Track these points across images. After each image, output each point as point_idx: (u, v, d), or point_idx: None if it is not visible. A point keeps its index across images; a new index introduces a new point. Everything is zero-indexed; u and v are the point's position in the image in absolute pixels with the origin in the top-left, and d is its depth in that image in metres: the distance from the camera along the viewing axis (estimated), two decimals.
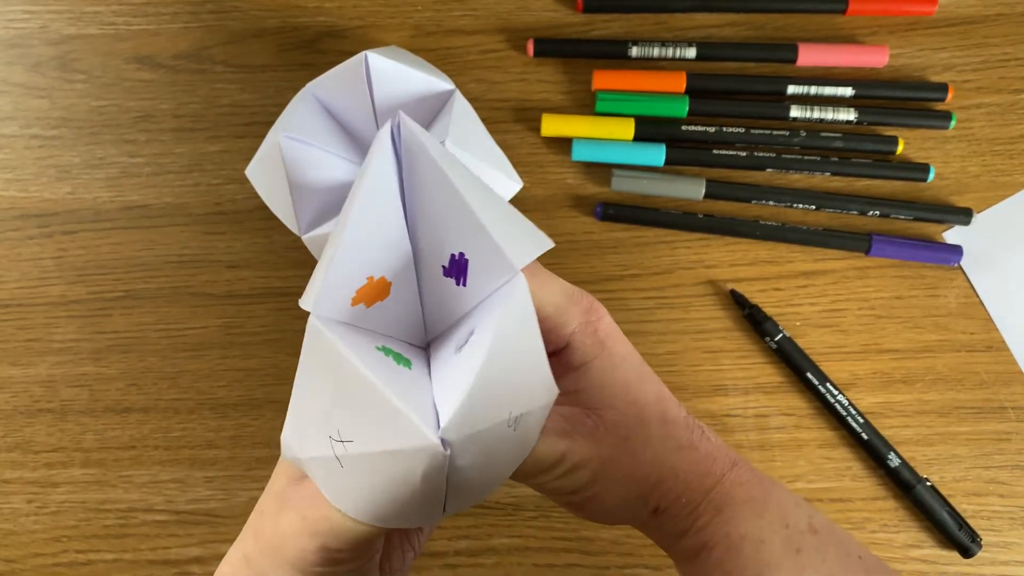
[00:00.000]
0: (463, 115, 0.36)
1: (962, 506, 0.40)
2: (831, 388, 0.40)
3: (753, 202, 0.42)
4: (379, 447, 0.21)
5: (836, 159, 0.41)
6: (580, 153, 0.41)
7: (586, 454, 0.26)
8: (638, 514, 0.27)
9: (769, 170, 0.42)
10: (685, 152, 0.41)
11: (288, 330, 0.42)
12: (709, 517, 0.26)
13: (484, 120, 0.39)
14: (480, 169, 0.36)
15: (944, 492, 0.40)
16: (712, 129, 0.41)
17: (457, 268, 0.24)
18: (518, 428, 0.22)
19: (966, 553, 0.40)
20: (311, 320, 0.22)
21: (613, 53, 0.42)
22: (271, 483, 0.26)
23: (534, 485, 0.26)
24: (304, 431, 0.24)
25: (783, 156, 0.42)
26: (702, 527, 0.26)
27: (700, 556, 0.26)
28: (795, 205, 0.41)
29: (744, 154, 0.41)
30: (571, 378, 0.28)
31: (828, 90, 0.41)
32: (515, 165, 0.41)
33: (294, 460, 0.24)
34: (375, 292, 0.24)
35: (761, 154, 0.42)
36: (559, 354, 0.28)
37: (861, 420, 0.40)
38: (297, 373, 0.24)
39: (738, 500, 0.26)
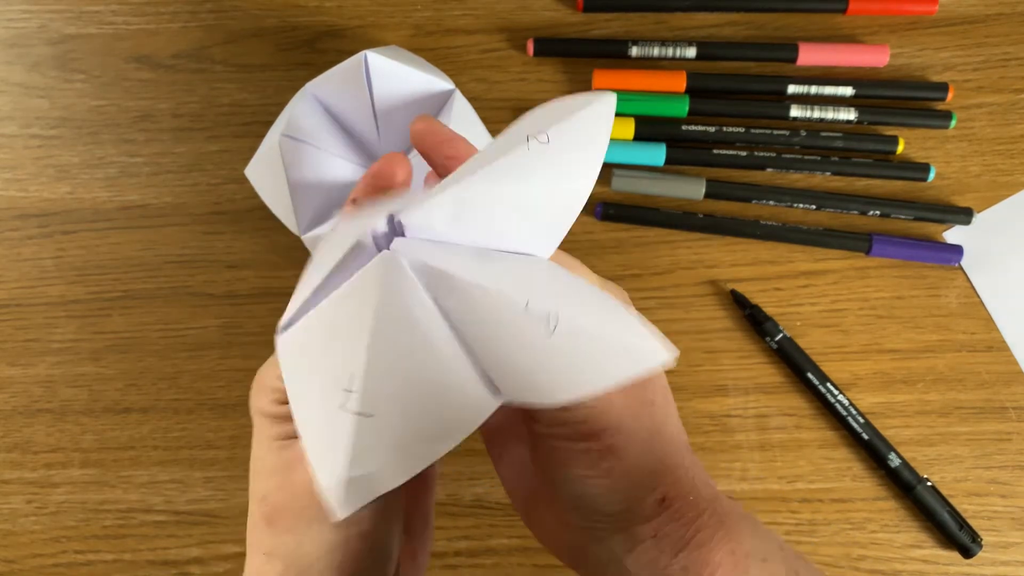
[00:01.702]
0: (463, 115, 0.36)
1: (963, 506, 0.40)
2: (832, 388, 0.40)
3: (753, 202, 0.41)
4: None
5: (836, 159, 0.41)
6: None
7: (602, 404, 0.24)
8: (644, 501, 0.25)
9: (769, 170, 0.42)
10: (685, 152, 0.41)
11: None
12: (712, 531, 0.24)
13: (484, 120, 0.39)
14: None
15: (945, 492, 0.40)
16: (712, 129, 0.41)
17: None
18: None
19: (967, 553, 0.40)
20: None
21: (613, 53, 0.42)
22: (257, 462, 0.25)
23: (540, 420, 0.24)
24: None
25: (783, 156, 0.41)
26: (704, 541, 0.24)
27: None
28: (795, 205, 0.41)
29: (744, 154, 0.41)
30: None
31: (828, 90, 0.41)
32: None
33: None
34: None
35: (761, 154, 0.42)
36: None
37: (862, 420, 0.40)
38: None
39: (735, 516, 0.25)
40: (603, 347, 0.21)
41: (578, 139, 0.22)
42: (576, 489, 0.25)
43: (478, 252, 0.22)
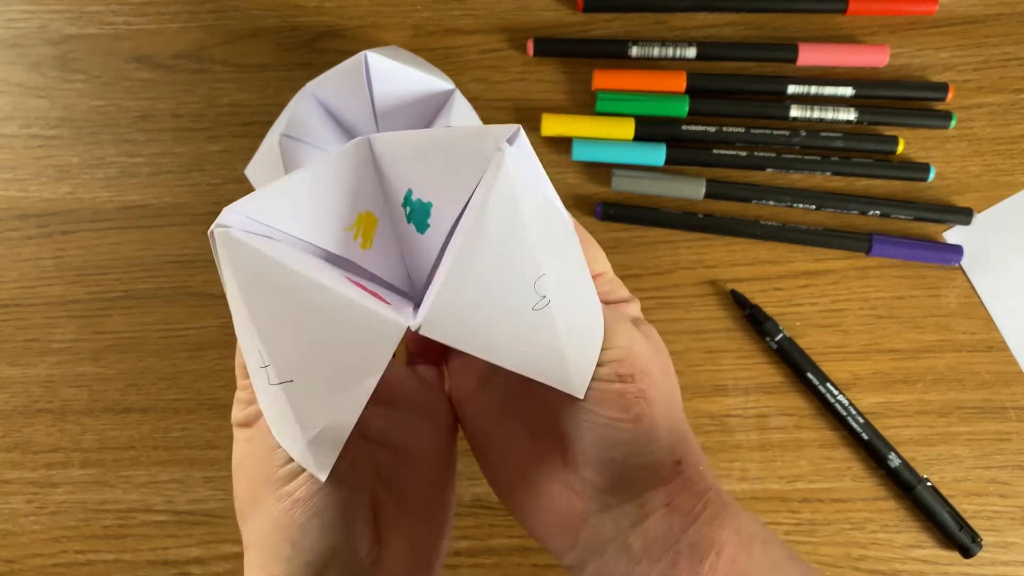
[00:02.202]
0: (463, 115, 0.36)
1: (963, 506, 0.40)
2: (831, 388, 0.40)
3: (753, 202, 0.41)
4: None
5: (836, 159, 0.41)
6: (580, 153, 0.41)
7: (632, 344, 0.25)
8: (664, 460, 0.25)
9: (769, 170, 0.42)
10: (685, 152, 0.41)
11: None
12: (717, 509, 0.24)
13: (484, 120, 0.39)
14: None
15: (945, 492, 0.40)
16: (712, 129, 0.41)
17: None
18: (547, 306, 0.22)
19: (967, 553, 0.40)
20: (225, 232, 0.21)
21: (613, 53, 0.42)
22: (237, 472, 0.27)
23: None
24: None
25: (783, 156, 0.41)
26: (711, 518, 0.24)
27: (710, 556, 0.24)
28: (795, 205, 0.41)
29: (744, 154, 0.41)
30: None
31: (828, 90, 0.41)
32: None
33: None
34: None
35: (761, 154, 0.42)
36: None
37: (861, 420, 0.40)
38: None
39: (733, 501, 0.25)
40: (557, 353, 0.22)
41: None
42: (605, 436, 0.25)
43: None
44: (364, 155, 0.24)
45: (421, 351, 0.31)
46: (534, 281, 0.21)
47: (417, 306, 0.24)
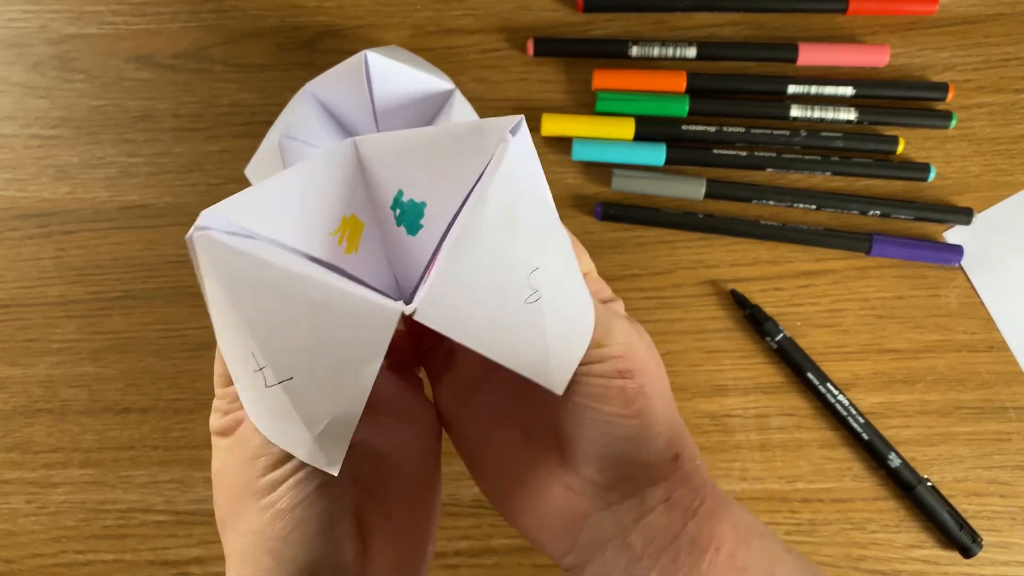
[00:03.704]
0: (463, 115, 0.36)
1: (963, 506, 0.40)
2: (832, 388, 0.40)
3: (753, 202, 0.41)
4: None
5: (837, 159, 0.41)
6: (580, 153, 0.41)
7: (629, 341, 0.25)
8: (663, 455, 0.25)
9: (769, 170, 0.42)
10: (685, 152, 0.41)
11: None
12: (715, 504, 0.25)
13: None
14: None
15: (945, 492, 0.40)
16: (712, 129, 0.41)
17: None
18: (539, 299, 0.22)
19: (967, 553, 0.40)
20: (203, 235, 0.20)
21: (613, 53, 0.42)
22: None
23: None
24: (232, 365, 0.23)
25: (783, 156, 0.41)
26: (709, 513, 0.24)
27: (709, 550, 0.24)
28: (796, 205, 0.41)
29: (744, 154, 0.41)
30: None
31: (828, 90, 0.41)
32: None
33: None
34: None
35: (761, 154, 0.42)
36: None
37: (862, 420, 0.40)
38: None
39: (728, 497, 0.26)
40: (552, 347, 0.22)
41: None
42: (607, 432, 0.25)
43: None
44: (349, 158, 0.23)
45: (401, 360, 0.31)
46: (528, 274, 0.21)
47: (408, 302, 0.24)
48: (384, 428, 0.28)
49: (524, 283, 0.21)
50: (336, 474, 0.22)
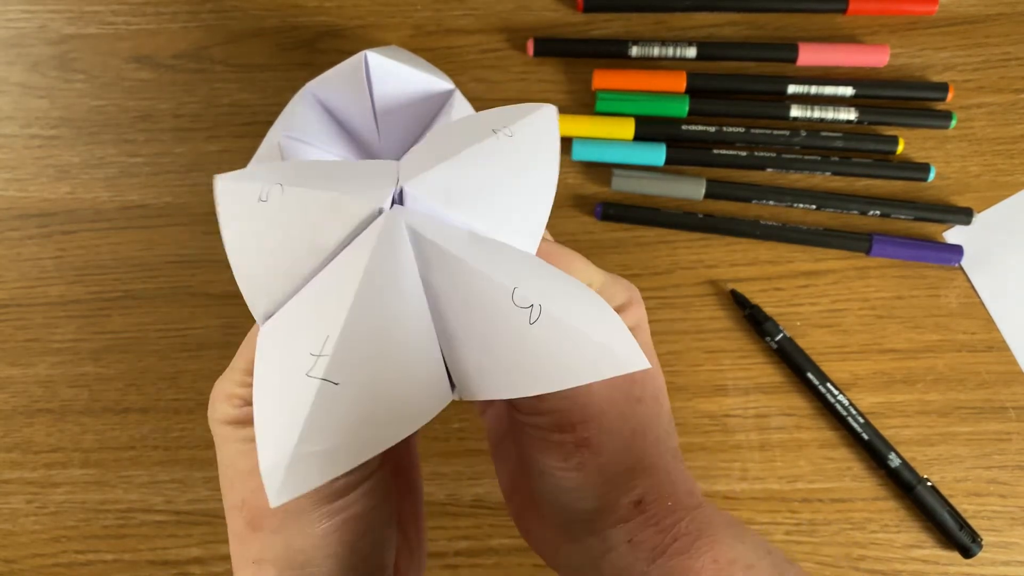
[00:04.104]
0: (463, 115, 0.36)
1: (963, 506, 0.40)
2: (831, 388, 0.40)
3: (753, 202, 0.41)
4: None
5: (836, 159, 0.41)
6: (580, 153, 0.41)
7: (598, 388, 0.23)
8: (618, 502, 0.24)
9: (769, 170, 0.42)
10: (685, 152, 0.41)
11: None
12: (690, 540, 0.23)
13: None
14: None
15: (945, 492, 0.40)
16: (712, 129, 0.41)
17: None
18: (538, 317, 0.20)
19: (967, 553, 0.40)
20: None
21: (613, 53, 0.42)
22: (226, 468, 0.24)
23: (520, 408, 0.23)
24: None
25: (783, 156, 0.41)
26: (682, 549, 0.23)
27: None
28: (795, 205, 0.41)
29: (744, 154, 0.41)
30: None
31: (828, 90, 0.41)
32: None
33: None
34: None
35: (761, 154, 0.42)
36: None
37: (861, 420, 0.40)
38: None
39: (719, 524, 0.24)
40: (580, 343, 0.20)
41: (536, 136, 0.23)
42: (550, 483, 0.24)
43: (470, 235, 0.21)
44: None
45: None
46: (510, 296, 0.20)
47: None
48: None
49: (511, 308, 0.20)
50: (272, 506, 0.19)
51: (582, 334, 0.20)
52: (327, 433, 0.19)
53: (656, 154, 0.41)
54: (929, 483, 0.40)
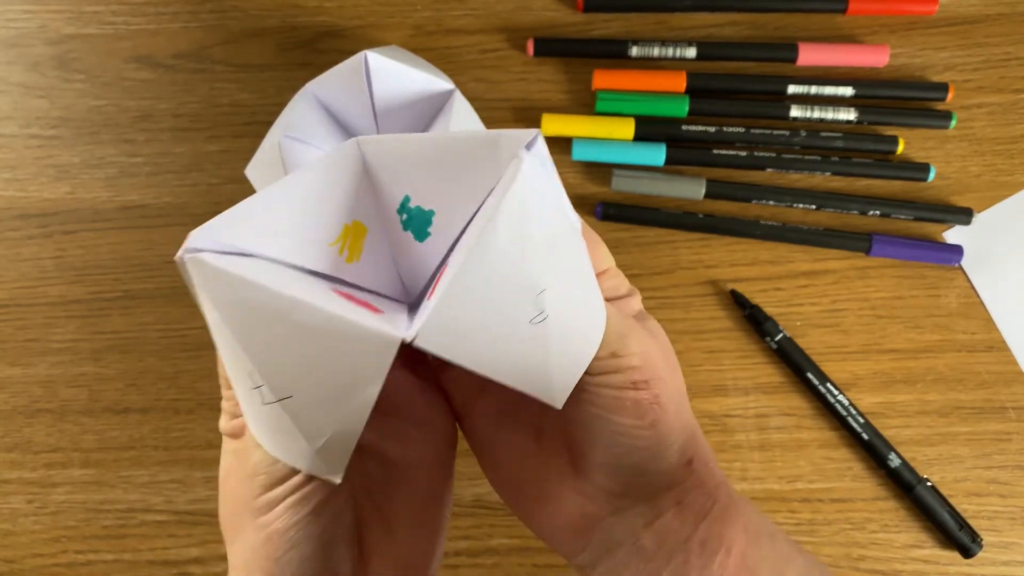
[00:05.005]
0: (463, 115, 0.36)
1: (963, 506, 0.40)
2: (831, 388, 0.40)
3: (753, 202, 0.41)
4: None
5: (836, 159, 0.41)
6: (580, 153, 0.41)
7: (645, 349, 0.24)
8: (677, 461, 0.25)
9: (769, 170, 0.42)
10: (685, 152, 0.41)
11: None
12: (726, 504, 0.25)
13: (484, 120, 0.39)
14: None
15: (945, 492, 0.40)
16: (712, 129, 0.41)
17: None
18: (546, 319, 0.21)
19: (967, 553, 0.40)
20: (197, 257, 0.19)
21: (613, 53, 0.42)
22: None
23: (591, 371, 0.24)
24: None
25: (783, 156, 0.41)
26: (720, 515, 0.24)
27: (720, 552, 0.24)
28: (795, 205, 0.41)
29: (744, 154, 0.41)
30: None
31: (828, 90, 0.41)
32: None
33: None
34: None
35: (761, 154, 0.42)
36: None
37: (862, 420, 0.40)
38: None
39: (740, 498, 0.26)
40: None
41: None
42: (621, 443, 0.24)
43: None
44: (352, 162, 0.22)
45: (420, 357, 0.30)
46: (536, 295, 0.20)
47: (412, 309, 0.23)
48: (396, 433, 0.27)
49: (530, 304, 0.20)
50: (339, 482, 0.22)
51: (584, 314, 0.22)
52: (320, 424, 0.21)
53: (656, 154, 0.41)
54: (929, 483, 0.40)
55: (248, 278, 0.19)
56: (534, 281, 0.20)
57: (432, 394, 0.29)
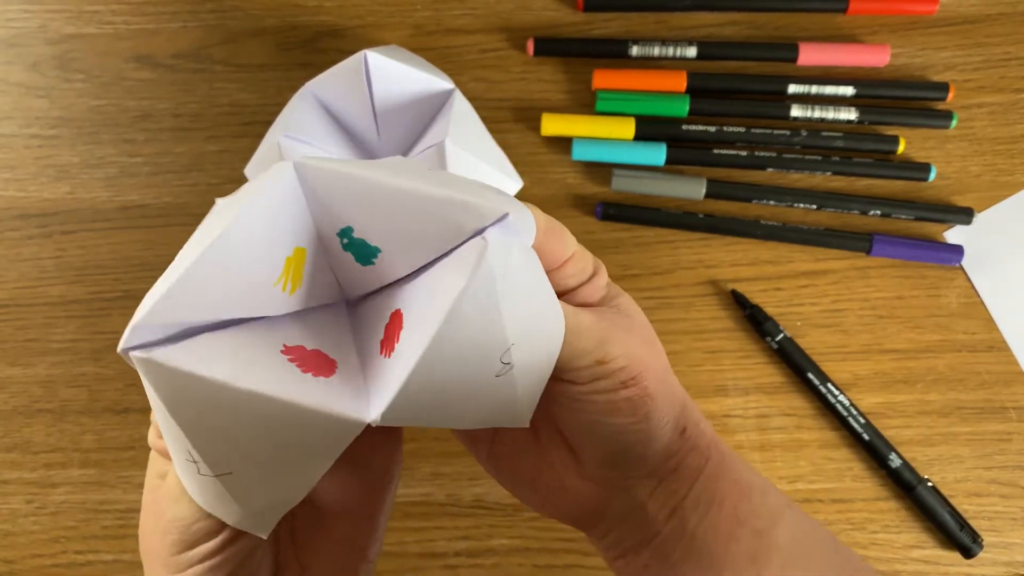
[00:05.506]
0: (463, 115, 0.36)
1: (963, 506, 0.40)
2: (832, 388, 0.40)
3: (754, 202, 0.41)
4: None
5: (837, 158, 0.41)
6: (580, 153, 0.41)
7: (627, 347, 0.24)
8: (672, 435, 0.26)
9: (770, 170, 0.42)
10: (686, 152, 0.41)
11: None
12: (718, 460, 0.26)
13: (484, 120, 0.39)
14: (480, 169, 0.36)
15: (945, 492, 0.40)
16: (713, 128, 0.41)
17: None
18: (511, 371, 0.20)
19: (967, 554, 0.40)
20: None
21: (613, 52, 0.42)
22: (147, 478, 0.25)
23: (580, 381, 0.24)
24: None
25: (784, 155, 0.41)
26: (713, 471, 0.25)
27: (713, 506, 0.25)
28: (796, 205, 0.41)
29: (745, 153, 0.41)
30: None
31: (829, 89, 0.41)
32: (515, 165, 0.41)
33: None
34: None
35: (762, 153, 0.41)
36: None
37: (862, 420, 0.40)
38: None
39: (732, 454, 0.27)
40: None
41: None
42: (618, 441, 0.25)
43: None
44: (291, 189, 0.20)
45: None
46: (501, 354, 0.20)
47: (351, 306, 0.23)
48: (330, 475, 0.26)
49: (496, 362, 0.20)
50: (266, 537, 0.22)
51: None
52: (256, 498, 0.21)
53: (656, 154, 0.41)
54: (930, 483, 0.40)
55: (199, 374, 0.18)
56: (500, 344, 0.19)
57: (375, 434, 0.28)
